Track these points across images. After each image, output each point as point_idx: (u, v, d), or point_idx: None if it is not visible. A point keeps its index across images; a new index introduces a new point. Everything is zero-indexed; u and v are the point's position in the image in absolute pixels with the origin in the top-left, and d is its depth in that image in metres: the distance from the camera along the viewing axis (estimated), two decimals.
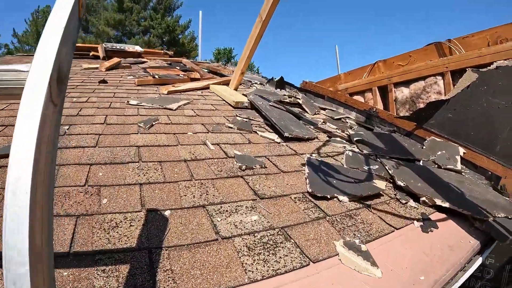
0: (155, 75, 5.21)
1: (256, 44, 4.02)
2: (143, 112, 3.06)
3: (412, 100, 4.29)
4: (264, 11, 3.57)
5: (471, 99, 3.46)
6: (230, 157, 2.20)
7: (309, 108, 4.49)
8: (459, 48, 3.85)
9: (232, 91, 4.46)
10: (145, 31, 36.63)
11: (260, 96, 4.21)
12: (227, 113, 3.50)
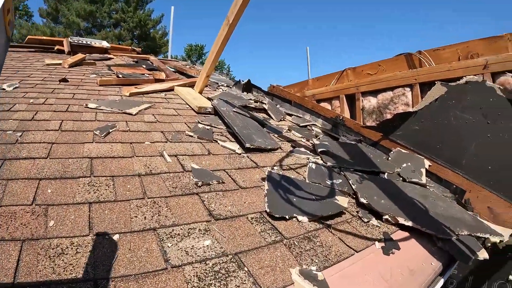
0: (119, 74, 5.13)
1: (223, 47, 4.02)
2: (101, 117, 3.01)
3: (380, 110, 4.41)
4: (231, 13, 3.57)
5: (439, 112, 3.59)
6: (187, 171, 2.20)
7: (275, 114, 4.54)
8: (429, 60, 3.99)
9: (196, 94, 4.45)
10: (116, 24, 36.12)
11: (224, 101, 4.22)
12: (189, 119, 3.49)
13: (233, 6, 3.50)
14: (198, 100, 4.07)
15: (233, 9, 3.51)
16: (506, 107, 3.25)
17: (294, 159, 3.04)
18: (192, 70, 6.30)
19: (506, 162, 3.20)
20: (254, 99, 5.00)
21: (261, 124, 3.84)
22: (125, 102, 3.66)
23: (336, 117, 4.57)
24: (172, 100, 4.24)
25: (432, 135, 3.68)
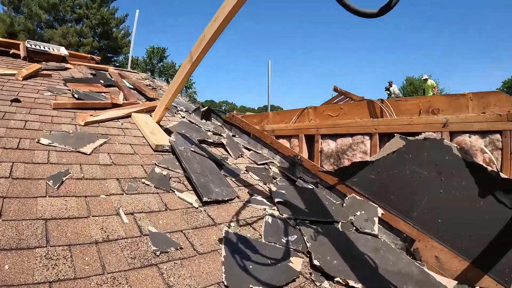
0: (75, 93, 5.06)
1: (184, 82, 4.09)
2: (54, 157, 2.97)
3: (338, 155, 4.63)
4: (195, 51, 3.63)
5: (395, 164, 3.84)
6: (144, 235, 2.25)
7: (233, 151, 4.65)
8: (391, 111, 4.24)
9: (154, 125, 4.47)
10: (79, 20, 35.32)
11: (182, 136, 4.27)
12: (146, 160, 3.52)
13: (197, 44, 3.57)
14: (155, 135, 4.10)
15: (197, 48, 3.58)
16: (460, 166, 3.52)
17: (251, 211, 3.16)
18: (151, 92, 6.27)
19: (455, 217, 3.46)
20: (213, 131, 5.09)
21: (218, 165, 3.93)
22: (80, 135, 3.63)
23: (295, 156, 4.73)
24: (128, 131, 4.24)
25: (387, 186, 3.92)
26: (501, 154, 3.54)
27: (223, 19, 3.10)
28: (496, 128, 3.54)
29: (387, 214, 3.83)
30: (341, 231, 3.35)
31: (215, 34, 3.31)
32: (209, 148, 4.49)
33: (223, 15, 3.07)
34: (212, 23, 3.26)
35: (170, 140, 3.98)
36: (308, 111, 5.13)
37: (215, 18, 3.20)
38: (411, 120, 3.98)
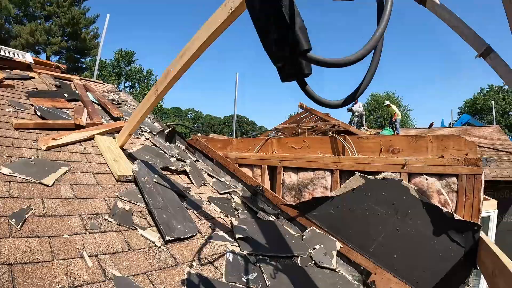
0: (37, 109, 5.07)
1: (148, 113, 4.21)
2: (15, 190, 3.00)
3: (299, 188, 4.85)
4: (161, 84, 3.73)
5: (354, 201, 4.14)
6: (109, 279, 2.36)
7: (196, 179, 4.79)
8: (352, 148, 4.50)
9: (117, 150, 4.55)
10: (48, 17, 34.59)
11: (146, 164, 4.38)
12: (109, 192, 3.60)
13: (163, 77, 3.68)
14: (118, 163, 4.18)
15: (163, 81, 3.69)
16: (416, 206, 3.83)
17: (213, 248, 3.32)
18: (115, 111, 6.31)
19: (410, 253, 3.78)
20: (177, 157, 5.21)
21: (181, 196, 4.08)
22: (41, 163, 3.66)
23: (257, 186, 4.93)
24: (91, 157, 4.29)
25: (346, 220, 4.20)
26: (456, 196, 3.83)
27: (190, 56, 3.20)
28: (453, 171, 3.83)
29: (346, 248, 4.11)
30: (300, 266, 3.57)
31: (181, 70, 3.41)
32: (172, 176, 4.62)
33: (191, 52, 3.18)
34: (179, 58, 3.36)
35: (133, 170, 4.08)
36: (272, 141, 5.33)
37: (182, 54, 3.30)
38: (371, 160, 4.24)
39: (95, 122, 5.48)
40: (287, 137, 5.30)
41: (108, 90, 9.21)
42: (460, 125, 30.79)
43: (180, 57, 3.33)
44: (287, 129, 18.04)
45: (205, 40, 2.99)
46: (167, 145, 5.72)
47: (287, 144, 5.15)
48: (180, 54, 3.34)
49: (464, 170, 3.78)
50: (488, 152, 19.28)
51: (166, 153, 5.26)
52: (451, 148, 3.98)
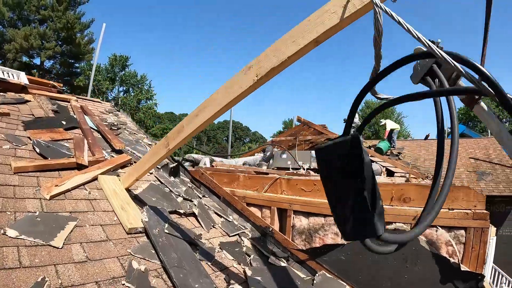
0: (35, 145, 4.96)
1: (156, 165, 4.16)
2: (25, 257, 2.88)
3: (309, 232, 4.81)
4: (172, 139, 3.63)
5: (364, 249, 4.04)
6: None
7: (205, 222, 4.72)
8: None
9: (123, 194, 4.45)
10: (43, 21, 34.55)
11: (154, 211, 4.29)
12: (121, 248, 3.50)
13: (175, 133, 3.58)
14: (127, 211, 4.08)
15: (175, 137, 3.58)
16: (425, 256, 3.87)
17: None
18: (117, 143, 6.18)
19: None
20: (183, 196, 5.13)
21: (193, 245, 4.00)
22: (47, 218, 3.53)
23: (266, 227, 4.88)
24: (97, 204, 4.18)
25: (356, 266, 4.20)
26: (464, 248, 3.93)
27: (205, 119, 3.15)
28: (462, 224, 3.95)
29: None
30: None
31: (195, 131, 3.34)
32: (181, 220, 4.54)
33: (207, 114, 3.11)
34: (194, 117, 3.27)
35: (142, 221, 4.00)
36: (281, 181, 5.29)
37: (197, 112, 3.21)
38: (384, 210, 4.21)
39: (97, 158, 5.36)
40: (297, 179, 5.22)
41: (106, 110, 9.11)
42: None
43: (195, 116, 3.24)
44: (284, 141, 18.04)
45: (223, 106, 2.93)
46: (172, 181, 5.63)
47: (297, 186, 5.12)
48: (195, 113, 3.25)
49: (472, 224, 3.90)
50: (484, 165, 19.40)
51: (173, 192, 5.18)
52: (461, 199, 4.07)
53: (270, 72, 2.47)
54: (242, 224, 5.23)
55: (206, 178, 5.85)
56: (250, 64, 2.62)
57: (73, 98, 8.83)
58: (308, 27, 2.27)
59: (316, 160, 1.60)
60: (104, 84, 56.08)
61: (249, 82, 2.61)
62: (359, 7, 2.00)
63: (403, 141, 26.99)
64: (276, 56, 2.43)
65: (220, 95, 2.94)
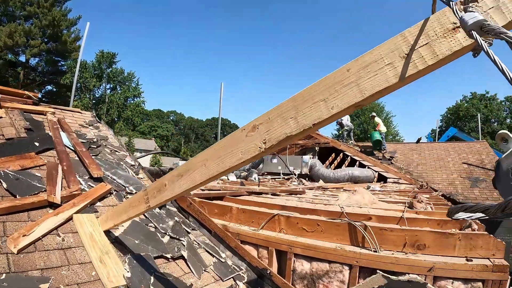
0: (3, 178, 4.47)
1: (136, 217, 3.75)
2: None
3: (312, 279, 4.43)
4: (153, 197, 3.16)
5: None
6: None
7: (195, 266, 4.33)
8: (374, 241, 4.11)
9: (102, 239, 4.00)
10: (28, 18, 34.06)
11: (138, 261, 3.86)
12: None
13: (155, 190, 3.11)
14: (106, 267, 3.62)
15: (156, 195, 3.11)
16: None
17: None
18: (95, 170, 5.67)
19: None
20: (170, 234, 4.70)
21: None
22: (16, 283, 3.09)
23: (263, 269, 4.48)
24: (72, 256, 3.70)
25: None
26: None
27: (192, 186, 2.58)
28: (480, 277, 3.66)
29: None
30: None
31: (178, 195, 2.85)
32: (169, 266, 4.13)
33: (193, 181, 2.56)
34: (177, 177, 2.75)
35: (125, 277, 3.56)
36: (280, 218, 4.89)
37: (181, 173, 2.69)
38: (396, 260, 3.92)
39: (72, 192, 4.85)
40: (298, 217, 4.83)
41: (86, 123, 8.57)
42: (447, 138, 31.11)
43: (179, 177, 2.73)
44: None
45: (214, 175, 2.37)
46: (157, 213, 5.16)
47: (298, 224, 4.73)
48: (177, 173, 2.75)
49: (491, 276, 3.63)
50: (477, 171, 19.32)
51: (158, 229, 4.73)
52: (479, 247, 3.84)
53: (284, 140, 1.90)
54: (236, 264, 4.81)
55: (194, 209, 5.41)
56: (254, 122, 2.04)
57: (50, 110, 8.22)
58: None
59: None
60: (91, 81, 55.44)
61: (253, 150, 2.04)
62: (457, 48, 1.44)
63: (395, 144, 26.81)
64: (296, 120, 1.84)
65: (211, 162, 2.37)
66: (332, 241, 4.46)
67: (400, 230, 4.17)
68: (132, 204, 3.52)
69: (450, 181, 18.61)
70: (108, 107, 58.40)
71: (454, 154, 21.78)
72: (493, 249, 3.76)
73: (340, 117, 1.78)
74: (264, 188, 8.79)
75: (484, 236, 3.80)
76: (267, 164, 15.04)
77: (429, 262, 3.77)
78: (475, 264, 3.65)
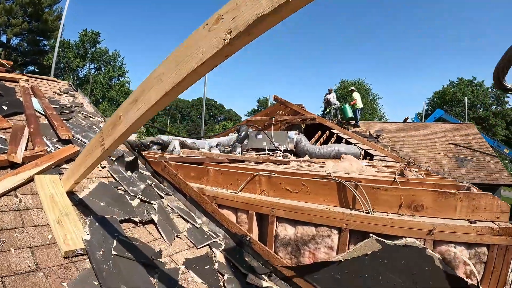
0: None
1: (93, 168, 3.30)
2: None
3: (297, 245, 4.09)
4: (107, 135, 2.72)
5: (366, 268, 3.45)
6: None
7: (166, 232, 3.98)
8: (366, 201, 3.78)
9: (63, 201, 3.59)
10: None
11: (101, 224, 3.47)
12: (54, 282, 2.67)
13: (109, 126, 2.67)
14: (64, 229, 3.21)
15: (111, 132, 2.66)
16: (439, 278, 3.21)
17: None
18: (64, 132, 5.24)
19: None
20: (141, 197, 4.30)
21: (151, 267, 3.24)
22: None
23: (243, 235, 4.15)
24: (29, 217, 3.29)
25: None
26: (484, 268, 3.36)
27: (148, 108, 2.19)
28: (485, 241, 3.33)
29: None
30: None
31: (135, 125, 2.40)
32: (137, 231, 3.76)
33: (148, 103, 2.18)
34: (132, 104, 2.35)
35: (83, 239, 3.16)
36: (261, 179, 4.48)
37: (135, 98, 2.30)
38: (391, 221, 3.56)
39: (36, 153, 4.41)
40: (281, 177, 4.44)
41: (61, 91, 8.06)
42: (434, 119, 31.10)
43: (134, 103, 2.32)
44: (259, 121, 17.42)
45: (170, 89, 1.97)
46: (128, 177, 4.76)
47: (281, 185, 4.34)
48: (132, 98, 2.34)
49: (497, 240, 3.29)
50: (464, 152, 19.28)
51: (128, 192, 4.33)
52: (482, 209, 3.50)
53: (254, 24, 1.49)
54: (213, 230, 4.45)
55: (169, 172, 5.00)
56: (219, 12, 1.62)
57: (23, 77, 7.70)
58: None
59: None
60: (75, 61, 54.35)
61: (216, 44, 1.63)
62: None
63: (382, 123, 26.71)
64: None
65: (168, 71, 1.97)
66: (319, 203, 4.08)
67: (395, 189, 3.79)
68: (88, 151, 3.10)
69: (437, 160, 18.55)
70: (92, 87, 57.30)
71: (441, 134, 21.77)
72: (497, 211, 3.44)
73: None
74: (247, 157, 8.42)
75: (487, 196, 3.47)
76: (252, 140, 14.68)
77: (428, 224, 3.40)
78: (480, 226, 3.32)
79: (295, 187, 4.24)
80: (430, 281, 3.22)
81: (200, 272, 3.56)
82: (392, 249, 3.37)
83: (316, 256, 3.94)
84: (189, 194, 4.75)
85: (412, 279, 3.27)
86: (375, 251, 3.41)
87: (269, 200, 4.27)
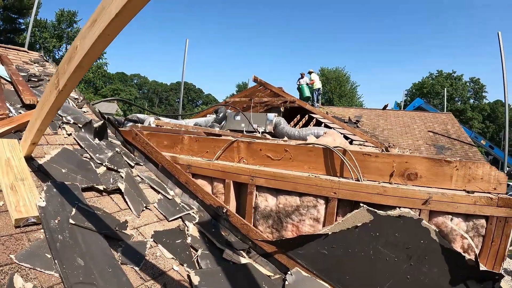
0: None
1: (51, 118, 2.85)
2: None
3: (279, 217, 3.75)
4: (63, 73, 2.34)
5: (356, 241, 3.20)
6: None
7: (134, 202, 3.62)
8: (356, 166, 3.52)
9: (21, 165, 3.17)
10: None
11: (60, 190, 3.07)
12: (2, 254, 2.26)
13: (65, 62, 2.31)
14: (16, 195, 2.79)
15: (66, 68, 2.29)
16: (435, 251, 2.98)
17: None
18: (28, 96, 4.75)
19: None
20: (107, 165, 3.90)
21: (114, 240, 2.87)
22: None
23: (218, 207, 3.80)
24: None
25: (343, 264, 3.24)
26: (482, 242, 3.18)
27: (109, 20, 1.79)
28: (483, 212, 3.12)
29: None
30: None
31: (94, 48, 2.02)
32: (101, 200, 3.37)
33: (109, 15, 1.78)
34: (89, 28, 1.99)
35: (38, 207, 2.75)
36: (239, 145, 4.09)
37: (94, 19, 1.93)
38: (384, 189, 3.27)
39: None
40: (261, 143, 4.06)
41: (31, 60, 7.55)
42: (413, 108, 31.33)
43: (92, 24, 1.95)
44: (238, 103, 17.00)
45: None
46: (96, 144, 4.34)
47: (261, 151, 3.97)
48: (91, 21, 1.97)
49: (496, 212, 3.09)
50: (442, 140, 19.37)
51: (94, 159, 3.93)
52: (479, 179, 3.26)
53: None
54: (187, 202, 4.10)
55: (141, 140, 4.59)
56: None
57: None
58: None
59: None
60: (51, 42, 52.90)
61: None
62: None
63: (361, 109, 26.68)
64: None
65: None
66: (304, 171, 3.73)
67: (387, 155, 3.46)
68: (43, 101, 2.69)
69: (416, 147, 18.54)
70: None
71: (420, 122, 21.86)
72: (494, 182, 3.20)
73: None
74: (224, 132, 8.02)
75: (484, 166, 3.22)
76: (230, 122, 14.29)
77: (424, 193, 3.12)
78: (478, 196, 3.09)
79: (277, 154, 3.88)
80: (426, 255, 2.99)
81: (170, 246, 3.21)
82: (384, 221, 3.08)
83: (300, 229, 3.63)
84: (161, 164, 4.36)
85: (406, 254, 3.03)
86: (366, 223, 3.11)
87: (249, 167, 3.90)
